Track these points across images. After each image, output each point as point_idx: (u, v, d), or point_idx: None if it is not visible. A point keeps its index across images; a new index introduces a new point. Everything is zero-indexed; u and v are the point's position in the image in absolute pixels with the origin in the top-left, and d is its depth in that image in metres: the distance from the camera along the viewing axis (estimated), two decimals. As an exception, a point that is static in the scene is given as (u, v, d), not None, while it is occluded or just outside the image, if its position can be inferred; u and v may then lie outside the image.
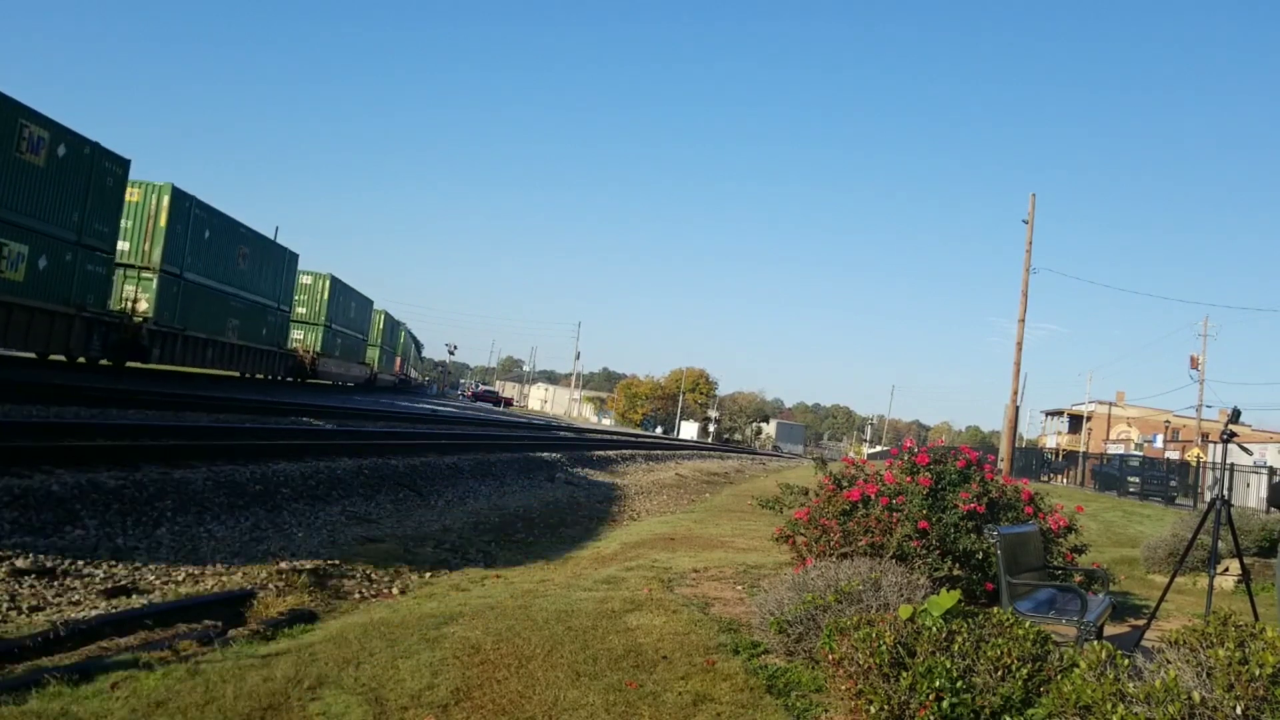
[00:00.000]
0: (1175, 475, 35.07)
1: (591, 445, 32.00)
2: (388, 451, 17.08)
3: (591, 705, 4.29)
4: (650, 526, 14.20)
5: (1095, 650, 3.56)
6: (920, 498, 7.06)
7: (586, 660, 4.94)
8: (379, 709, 4.10)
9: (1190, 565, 9.46)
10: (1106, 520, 19.86)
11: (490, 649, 5.04)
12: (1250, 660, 3.17)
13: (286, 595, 7.25)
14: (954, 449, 8.05)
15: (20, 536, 7.65)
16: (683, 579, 7.89)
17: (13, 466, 9.07)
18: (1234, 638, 3.33)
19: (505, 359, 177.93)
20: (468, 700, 4.28)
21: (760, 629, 5.63)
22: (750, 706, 4.42)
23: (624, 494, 20.91)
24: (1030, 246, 28.24)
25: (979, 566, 6.82)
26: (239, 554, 8.70)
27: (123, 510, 9.03)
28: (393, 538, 10.63)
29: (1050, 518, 7.68)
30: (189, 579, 7.54)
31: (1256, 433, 53.03)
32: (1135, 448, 61.52)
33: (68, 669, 4.61)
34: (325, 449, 15.50)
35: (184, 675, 4.41)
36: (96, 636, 5.51)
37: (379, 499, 13.44)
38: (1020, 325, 28.29)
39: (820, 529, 7.12)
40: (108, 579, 7.17)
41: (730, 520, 14.81)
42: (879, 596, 5.20)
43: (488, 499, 15.91)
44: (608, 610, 6.17)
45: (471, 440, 23.20)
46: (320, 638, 5.40)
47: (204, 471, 11.17)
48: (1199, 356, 53.31)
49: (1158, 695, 3.13)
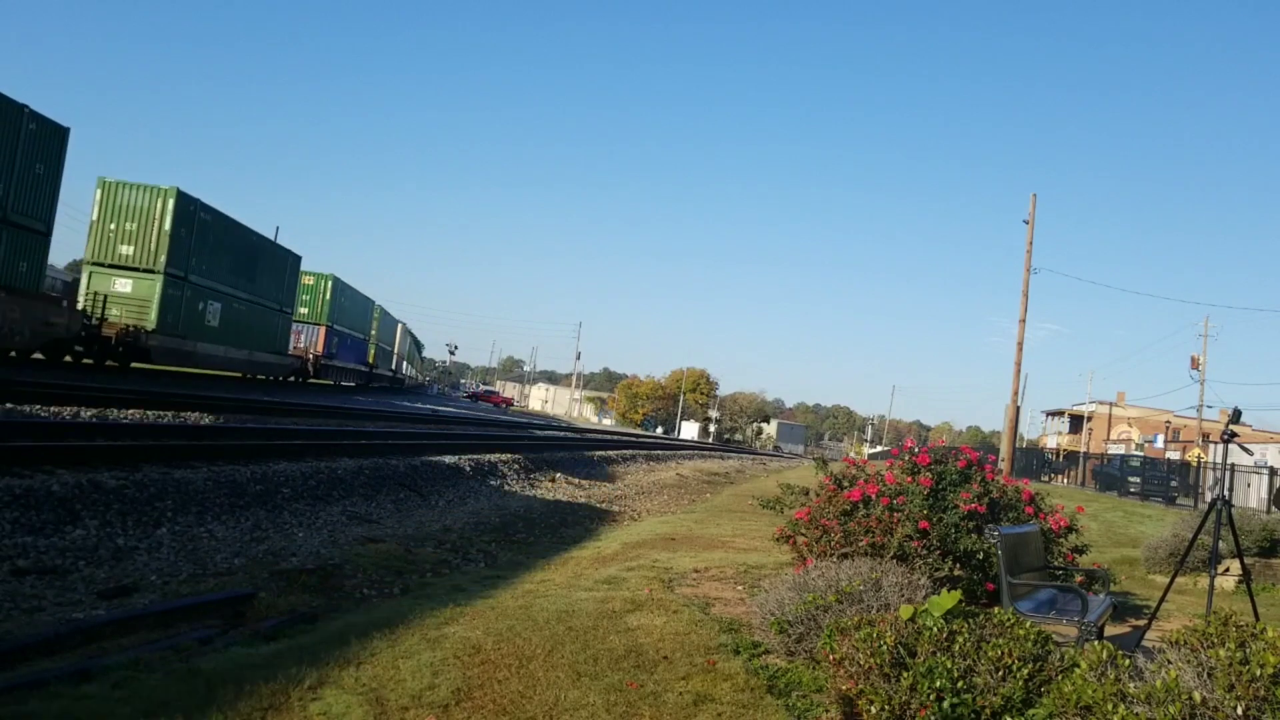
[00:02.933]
0: (1176, 475, 35.03)
1: (592, 445, 32.00)
2: (388, 452, 17.09)
3: (592, 705, 4.29)
4: (651, 526, 14.19)
5: (1096, 650, 3.56)
6: (921, 498, 7.05)
7: (587, 660, 4.94)
8: (379, 709, 4.10)
9: (1191, 565, 9.45)
10: (1107, 520, 19.84)
11: (491, 649, 5.04)
12: (1251, 660, 3.16)
13: (287, 595, 7.25)
14: (955, 449, 8.04)
15: (20, 536, 7.65)
16: (683, 579, 7.89)
17: (13, 466, 9.08)
18: (1235, 638, 3.33)
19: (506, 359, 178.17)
20: (468, 700, 4.28)
21: (761, 629, 5.63)
22: (751, 707, 4.41)
23: (624, 494, 20.90)
24: (1031, 246, 28.24)
25: (980, 566, 6.82)
26: (239, 554, 8.70)
27: (123, 510, 9.03)
28: (393, 538, 10.63)
29: (1051, 518, 7.68)
30: (189, 579, 7.54)
31: (1257, 433, 53.03)
32: (1136, 448, 61.47)
33: (68, 669, 4.61)
34: (325, 449, 15.50)
35: (185, 675, 4.40)
36: (97, 637, 5.51)
37: (380, 499, 13.44)
38: (1021, 325, 28.29)
39: (821, 529, 7.12)
40: (108, 579, 7.17)
41: (731, 520, 14.80)
42: (880, 597, 5.20)
43: (488, 499, 15.91)
44: (608, 610, 6.17)
45: (472, 440, 23.20)
46: (321, 638, 5.39)
47: (204, 471, 11.17)
48: (1199, 356, 53.28)
49: (1159, 695, 3.13)
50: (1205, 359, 53.18)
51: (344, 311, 47.61)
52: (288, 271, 36.99)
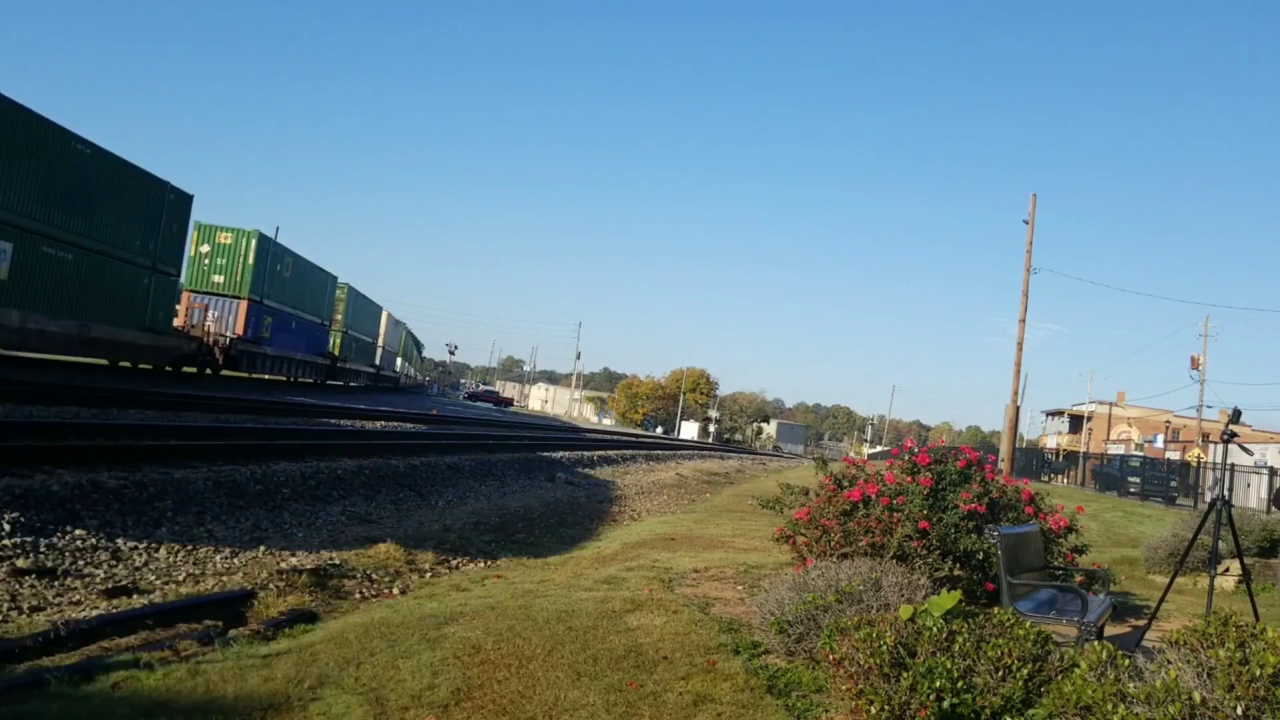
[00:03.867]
0: (1176, 475, 35.03)
1: (592, 445, 32.00)
2: (388, 451, 17.09)
3: (592, 705, 4.29)
4: (651, 526, 14.19)
5: (1096, 650, 3.56)
6: (921, 498, 7.05)
7: (587, 660, 4.94)
8: (379, 709, 4.10)
9: (1191, 565, 9.45)
10: (1107, 520, 19.84)
11: (491, 649, 5.04)
12: (1251, 660, 3.16)
13: (287, 595, 7.25)
14: (954, 449, 8.04)
15: (20, 536, 7.65)
16: (683, 579, 7.89)
17: (13, 466, 9.08)
18: (1234, 638, 3.33)
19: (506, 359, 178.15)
20: (468, 700, 4.28)
21: (761, 629, 5.63)
22: (751, 707, 4.41)
23: (624, 494, 20.90)
24: (1030, 246, 28.23)
25: (979, 566, 6.82)
26: (239, 554, 8.70)
27: (123, 510, 9.03)
28: (393, 537, 10.62)
29: (1051, 518, 7.67)
30: (189, 579, 7.55)
31: (1257, 433, 53.00)
32: (1136, 448, 61.46)
33: (69, 669, 4.61)
34: (325, 449, 15.50)
35: (185, 675, 4.41)
36: (97, 636, 5.51)
37: (379, 499, 13.44)
38: (1021, 325, 28.29)
39: (821, 529, 7.12)
40: (108, 579, 7.18)
41: (731, 520, 14.80)
42: (879, 597, 5.20)
43: (488, 499, 15.91)
44: (608, 610, 6.17)
45: (472, 440, 23.20)
46: (321, 638, 5.39)
47: (204, 471, 11.17)
48: (1199, 356, 53.27)
49: (1158, 695, 3.13)
50: (1205, 359, 53.20)
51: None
52: (165, 215, 25.88)
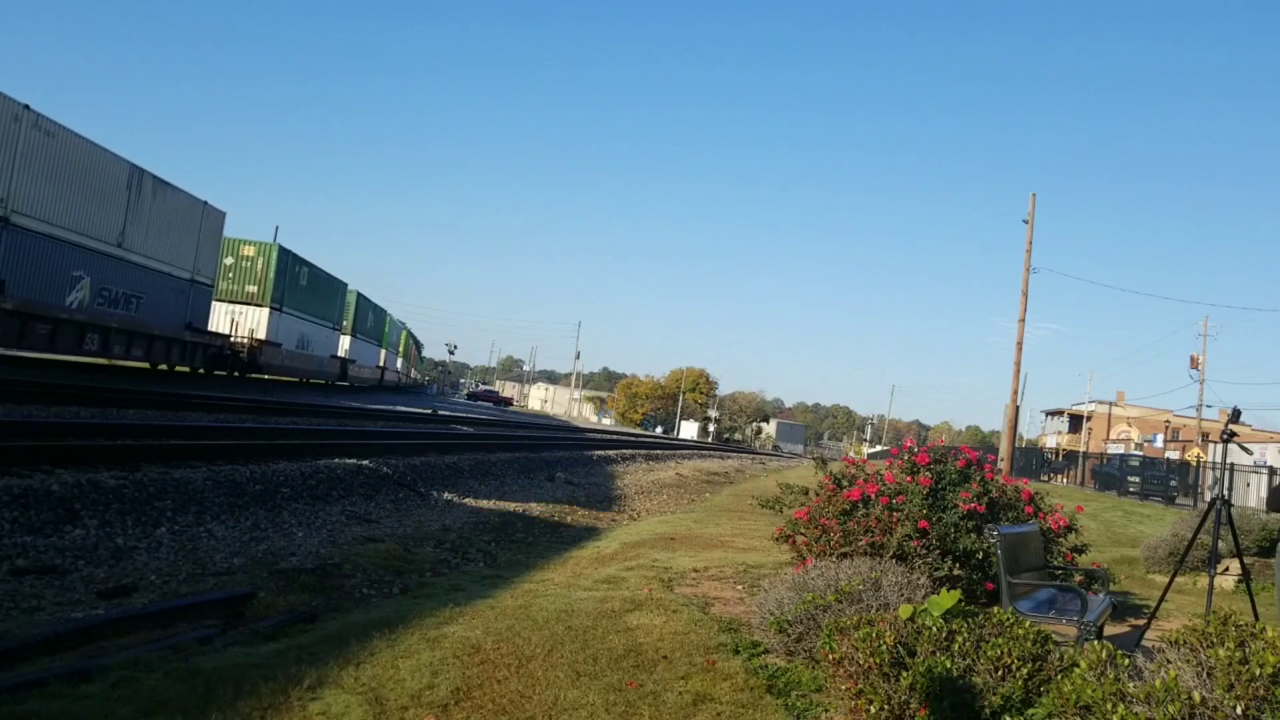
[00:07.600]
0: (1175, 475, 35.05)
1: (591, 445, 32.00)
2: (388, 451, 17.08)
3: (592, 705, 4.29)
4: (650, 526, 14.18)
5: (1095, 650, 3.56)
6: (920, 497, 7.05)
7: (586, 660, 4.94)
8: (379, 709, 4.10)
9: (1190, 565, 9.45)
10: (1107, 520, 19.84)
11: (490, 649, 5.04)
12: (1250, 660, 3.16)
13: (286, 595, 7.25)
14: (954, 449, 8.04)
15: (20, 536, 7.64)
16: (683, 578, 7.89)
17: (13, 466, 9.07)
18: (1234, 637, 3.33)
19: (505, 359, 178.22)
20: (468, 700, 4.28)
21: (760, 629, 5.63)
22: (750, 706, 4.41)
23: (624, 494, 20.90)
24: (1030, 246, 28.25)
25: (979, 566, 6.82)
26: (239, 554, 8.70)
27: (123, 510, 9.03)
28: (393, 537, 10.62)
29: (1050, 517, 7.68)
30: (189, 579, 7.54)
31: (1256, 433, 53.01)
32: (1135, 447, 61.48)
33: (68, 669, 4.61)
34: (325, 449, 15.50)
35: (184, 675, 4.40)
36: (97, 636, 5.51)
37: (379, 498, 13.43)
38: (1020, 325, 28.29)
39: (820, 529, 7.12)
40: (108, 579, 7.17)
41: (730, 520, 14.80)
42: (879, 596, 5.20)
43: (488, 498, 15.90)
44: (608, 610, 6.17)
45: (471, 440, 23.20)
46: (320, 637, 5.39)
47: (204, 471, 11.17)
48: (1199, 356, 53.30)
49: (1158, 695, 3.13)
50: (1205, 359, 53.23)
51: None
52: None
